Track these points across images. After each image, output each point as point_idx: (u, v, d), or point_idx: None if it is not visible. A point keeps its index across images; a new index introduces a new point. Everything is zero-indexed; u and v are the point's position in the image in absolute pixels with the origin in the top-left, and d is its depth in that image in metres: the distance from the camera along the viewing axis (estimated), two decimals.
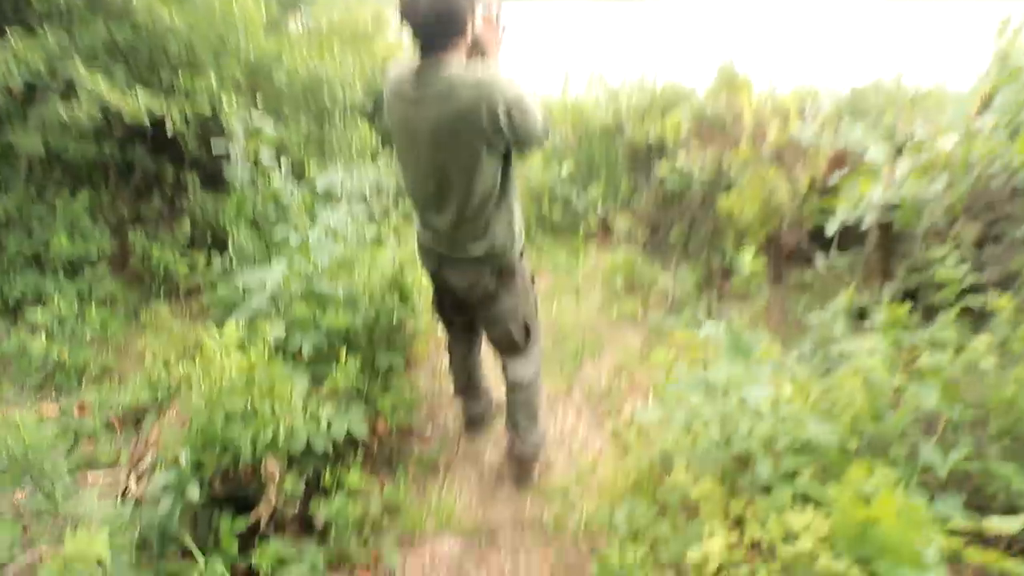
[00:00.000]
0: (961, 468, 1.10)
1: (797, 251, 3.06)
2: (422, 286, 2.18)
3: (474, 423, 2.13)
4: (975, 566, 0.97)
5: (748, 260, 2.64)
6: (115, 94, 2.77)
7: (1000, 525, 0.92)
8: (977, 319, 1.46)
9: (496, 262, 1.54)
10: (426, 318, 2.30)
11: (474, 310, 1.69)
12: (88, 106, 2.77)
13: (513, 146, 1.38)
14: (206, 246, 3.29)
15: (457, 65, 1.30)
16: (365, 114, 4.14)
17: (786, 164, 3.20)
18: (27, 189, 3.08)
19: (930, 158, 1.85)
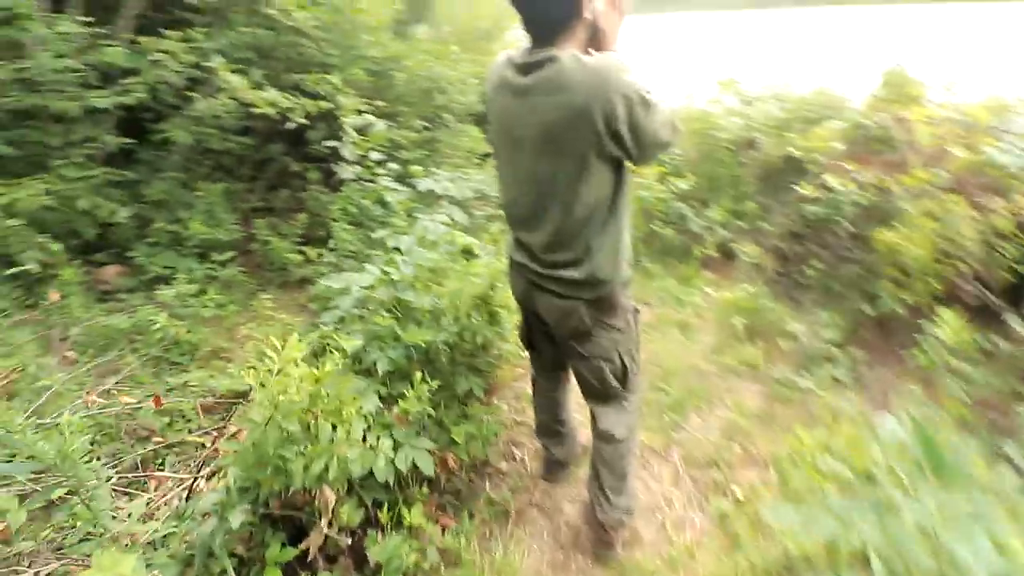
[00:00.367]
0: None
1: (979, 308, 2.44)
2: (512, 306, 1.98)
3: (554, 469, 1.88)
4: None
5: (951, 321, 2.02)
6: (249, 91, 2.94)
7: None
8: None
9: (594, 292, 1.29)
10: (514, 338, 2.09)
11: (564, 345, 1.46)
12: (228, 102, 2.98)
13: (632, 150, 1.12)
14: (319, 240, 3.39)
15: (571, 53, 1.08)
16: (476, 118, 4.09)
17: (970, 194, 2.59)
18: (177, 176, 3.39)
19: None
